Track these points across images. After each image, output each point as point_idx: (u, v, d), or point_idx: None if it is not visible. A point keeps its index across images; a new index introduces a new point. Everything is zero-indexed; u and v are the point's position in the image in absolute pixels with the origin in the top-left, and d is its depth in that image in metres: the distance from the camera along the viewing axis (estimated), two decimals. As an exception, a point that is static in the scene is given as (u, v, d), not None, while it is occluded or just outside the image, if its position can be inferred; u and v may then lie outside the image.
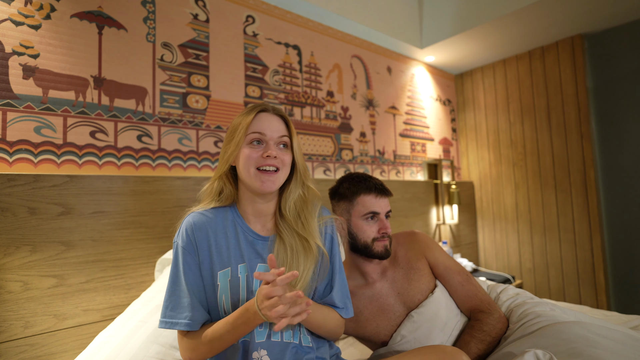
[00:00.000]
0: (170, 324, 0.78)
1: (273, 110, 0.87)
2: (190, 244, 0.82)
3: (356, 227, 1.05)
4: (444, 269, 1.08)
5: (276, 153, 0.82)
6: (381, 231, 1.04)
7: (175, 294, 0.80)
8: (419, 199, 2.49)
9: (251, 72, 1.77)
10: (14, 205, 1.05)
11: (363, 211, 1.05)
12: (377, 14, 2.22)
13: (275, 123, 0.85)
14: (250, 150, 0.82)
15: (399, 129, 2.53)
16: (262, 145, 0.83)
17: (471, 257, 2.87)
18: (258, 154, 0.81)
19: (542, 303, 1.02)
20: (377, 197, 1.06)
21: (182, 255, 0.81)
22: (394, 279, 1.08)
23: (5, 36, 1.15)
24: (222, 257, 0.82)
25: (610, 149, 2.31)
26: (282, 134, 0.85)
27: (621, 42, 2.27)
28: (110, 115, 1.34)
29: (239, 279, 0.81)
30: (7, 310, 1.03)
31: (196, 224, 0.83)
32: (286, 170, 0.85)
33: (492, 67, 2.86)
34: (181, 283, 0.80)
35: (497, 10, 2.11)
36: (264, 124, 0.83)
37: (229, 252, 0.83)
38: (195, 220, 0.84)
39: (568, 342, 0.78)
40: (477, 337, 0.94)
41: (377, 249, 1.04)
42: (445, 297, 1.05)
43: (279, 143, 0.85)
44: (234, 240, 0.84)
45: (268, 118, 0.85)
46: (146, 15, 1.46)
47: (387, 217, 1.08)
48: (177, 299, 0.79)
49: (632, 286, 2.21)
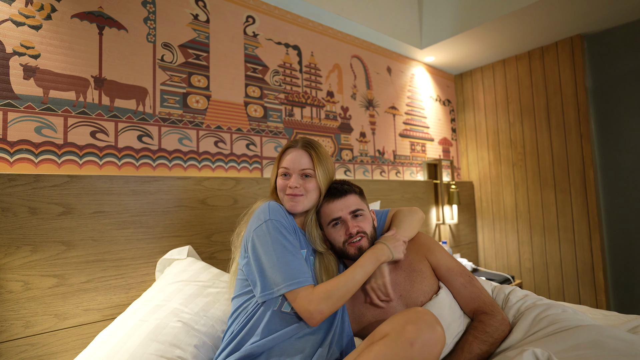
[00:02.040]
0: (296, 283, 0.86)
1: (302, 145, 1.06)
2: (287, 220, 0.97)
3: (329, 237, 1.06)
4: (446, 270, 1.07)
5: (297, 183, 1.01)
6: (347, 232, 1.02)
7: (286, 261, 0.89)
8: (419, 199, 2.49)
9: (251, 72, 1.77)
10: (14, 205, 1.05)
11: (327, 220, 1.05)
12: (377, 15, 2.23)
13: (299, 158, 1.04)
14: (281, 181, 1.04)
15: (398, 129, 2.53)
16: (289, 177, 1.04)
17: (471, 257, 2.87)
18: (285, 184, 1.03)
19: (553, 306, 1.00)
20: (333, 202, 1.04)
21: (285, 230, 0.93)
22: (396, 281, 1.07)
23: (6, 36, 1.15)
24: (298, 239, 0.99)
25: (609, 149, 2.32)
26: (304, 167, 1.03)
27: (620, 42, 2.27)
28: (111, 115, 1.34)
29: (308, 261, 0.98)
30: (8, 310, 1.03)
31: (282, 206, 1.01)
32: (311, 195, 1.03)
33: (491, 68, 2.86)
34: (289, 250, 0.90)
35: (497, 11, 2.11)
36: (289, 160, 1.04)
37: (298, 237, 1.00)
38: (279, 205, 1.01)
39: (577, 348, 0.78)
40: (480, 338, 0.94)
41: (350, 251, 1.02)
42: (449, 299, 1.04)
43: (302, 174, 1.03)
44: (297, 229, 1.03)
45: (293, 154, 1.04)
46: (146, 15, 1.46)
47: (356, 216, 1.05)
48: (291, 263, 0.88)
49: (631, 286, 2.21)
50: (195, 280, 1.18)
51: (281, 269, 0.87)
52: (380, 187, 2.21)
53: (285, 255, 0.89)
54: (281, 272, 0.87)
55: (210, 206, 1.48)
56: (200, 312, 1.08)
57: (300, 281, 0.86)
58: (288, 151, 1.06)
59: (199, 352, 1.00)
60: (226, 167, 1.63)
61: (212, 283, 1.19)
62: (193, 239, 1.41)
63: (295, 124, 1.92)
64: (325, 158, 1.06)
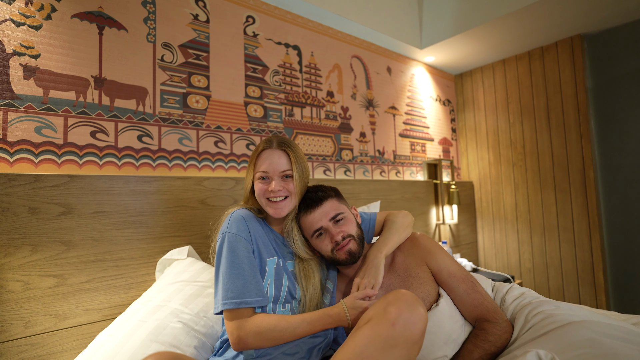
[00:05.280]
0: (237, 304, 0.84)
1: (277, 144, 0.99)
2: (247, 230, 0.93)
3: (316, 247, 1.03)
4: (447, 275, 1.02)
5: (280, 186, 0.96)
6: (333, 240, 0.99)
7: (236, 277, 0.87)
8: (419, 199, 2.49)
9: (251, 72, 1.77)
10: (14, 205, 1.05)
11: (309, 232, 1.02)
12: (377, 15, 2.23)
13: (277, 159, 0.98)
14: (260, 185, 0.98)
15: (398, 129, 2.53)
16: (268, 180, 0.98)
17: (471, 257, 2.87)
18: (265, 188, 0.97)
19: (546, 302, 0.98)
20: (311, 212, 1.01)
21: (238, 242, 0.91)
22: (390, 286, 1.03)
23: (6, 36, 1.15)
24: (267, 247, 0.97)
25: (609, 149, 2.32)
26: (284, 169, 0.98)
27: (620, 42, 2.27)
28: (111, 115, 1.34)
29: (282, 269, 0.96)
30: (8, 310, 1.03)
31: (247, 215, 0.97)
32: (295, 196, 0.99)
33: (491, 68, 2.86)
34: (242, 266, 0.88)
35: (497, 11, 2.11)
36: (267, 163, 0.98)
37: (270, 244, 0.98)
38: (245, 213, 0.97)
39: (574, 347, 0.77)
40: (481, 347, 0.90)
41: (340, 257, 0.99)
42: (449, 307, 0.98)
43: (282, 176, 0.98)
44: (267, 238, 0.99)
45: (271, 155, 0.98)
46: (146, 15, 1.46)
47: (337, 222, 1.01)
48: (242, 280, 0.87)
49: (631, 286, 2.21)
50: (196, 280, 1.18)
51: (224, 286, 0.86)
52: (380, 187, 2.21)
53: (231, 272, 0.87)
54: (224, 289, 0.86)
55: (210, 206, 1.48)
56: (200, 312, 1.08)
57: (238, 302, 0.85)
58: (264, 153, 0.99)
59: (198, 353, 1.00)
60: (226, 167, 1.63)
61: (212, 283, 1.19)
62: (193, 239, 1.41)
63: (295, 124, 1.92)
64: (302, 158, 1.02)
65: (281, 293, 0.94)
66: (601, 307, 2.22)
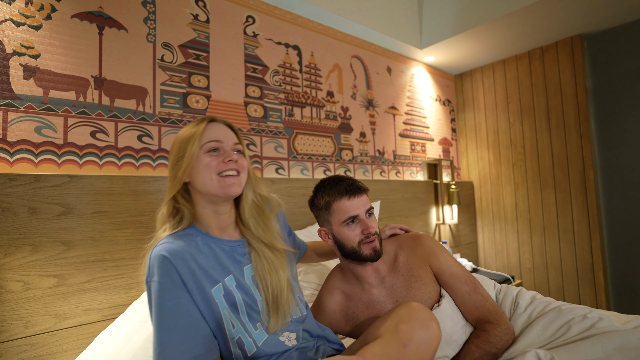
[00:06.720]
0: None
1: (222, 122, 0.89)
2: (175, 274, 0.74)
3: (340, 235, 1.00)
4: (450, 277, 1.02)
5: (236, 158, 0.84)
6: (365, 232, 0.98)
7: (160, 338, 0.71)
8: (419, 199, 2.49)
9: (251, 72, 1.77)
10: (14, 205, 1.05)
11: (342, 218, 0.99)
12: (376, 14, 2.23)
13: (227, 131, 0.87)
14: (210, 159, 0.82)
15: (398, 129, 2.53)
16: (220, 152, 0.84)
17: (471, 257, 2.87)
18: (218, 161, 0.83)
19: (579, 308, 0.97)
20: (351, 198, 0.99)
21: (167, 293, 0.73)
22: (393, 285, 1.03)
23: (6, 36, 1.15)
24: (209, 275, 0.79)
25: (609, 149, 2.32)
26: (236, 141, 0.87)
27: (620, 42, 2.28)
28: (111, 115, 1.34)
29: (232, 291, 0.80)
30: (8, 310, 1.03)
31: (171, 252, 0.76)
32: (245, 174, 0.87)
33: (491, 68, 2.86)
34: (176, 324, 0.72)
35: (497, 11, 2.11)
36: (217, 132, 0.85)
37: (213, 269, 0.80)
38: (168, 249, 0.76)
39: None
40: (482, 348, 0.91)
41: (365, 252, 0.98)
42: (451, 308, 0.98)
43: (235, 150, 0.87)
44: (212, 257, 0.82)
45: (219, 127, 0.87)
46: (146, 15, 1.46)
47: (369, 215, 1.01)
48: (165, 342, 0.70)
49: (631, 286, 2.21)
50: (195, 280, 1.17)
51: (155, 346, 0.71)
52: (380, 187, 2.20)
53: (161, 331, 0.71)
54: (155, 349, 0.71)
55: (210, 206, 1.47)
56: (200, 312, 1.06)
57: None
58: (211, 125, 0.86)
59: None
60: (226, 167, 1.63)
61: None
62: (193, 239, 1.41)
63: (295, 124, 1.92)
64: None
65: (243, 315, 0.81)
66: (601, 307, 2.23)
